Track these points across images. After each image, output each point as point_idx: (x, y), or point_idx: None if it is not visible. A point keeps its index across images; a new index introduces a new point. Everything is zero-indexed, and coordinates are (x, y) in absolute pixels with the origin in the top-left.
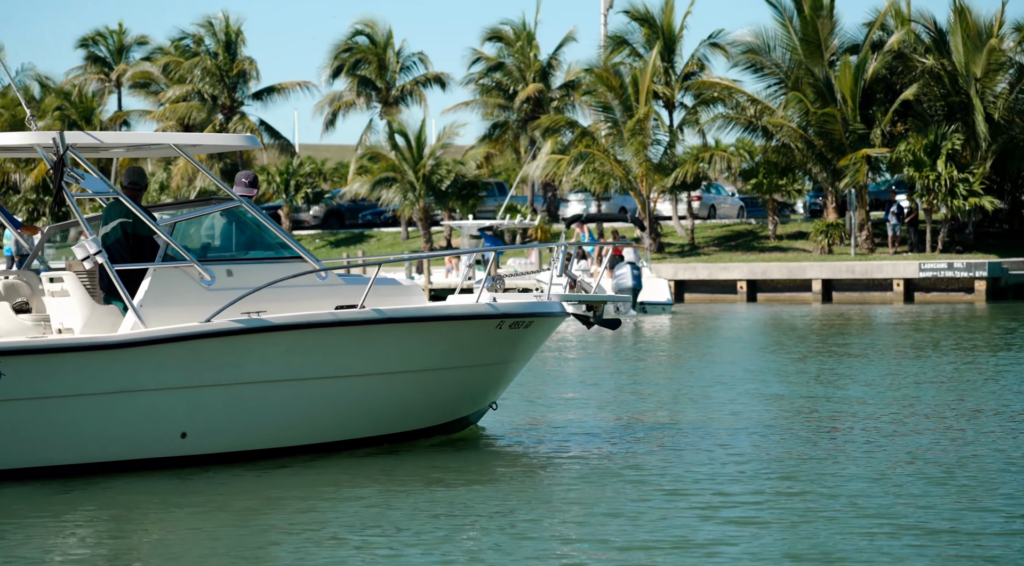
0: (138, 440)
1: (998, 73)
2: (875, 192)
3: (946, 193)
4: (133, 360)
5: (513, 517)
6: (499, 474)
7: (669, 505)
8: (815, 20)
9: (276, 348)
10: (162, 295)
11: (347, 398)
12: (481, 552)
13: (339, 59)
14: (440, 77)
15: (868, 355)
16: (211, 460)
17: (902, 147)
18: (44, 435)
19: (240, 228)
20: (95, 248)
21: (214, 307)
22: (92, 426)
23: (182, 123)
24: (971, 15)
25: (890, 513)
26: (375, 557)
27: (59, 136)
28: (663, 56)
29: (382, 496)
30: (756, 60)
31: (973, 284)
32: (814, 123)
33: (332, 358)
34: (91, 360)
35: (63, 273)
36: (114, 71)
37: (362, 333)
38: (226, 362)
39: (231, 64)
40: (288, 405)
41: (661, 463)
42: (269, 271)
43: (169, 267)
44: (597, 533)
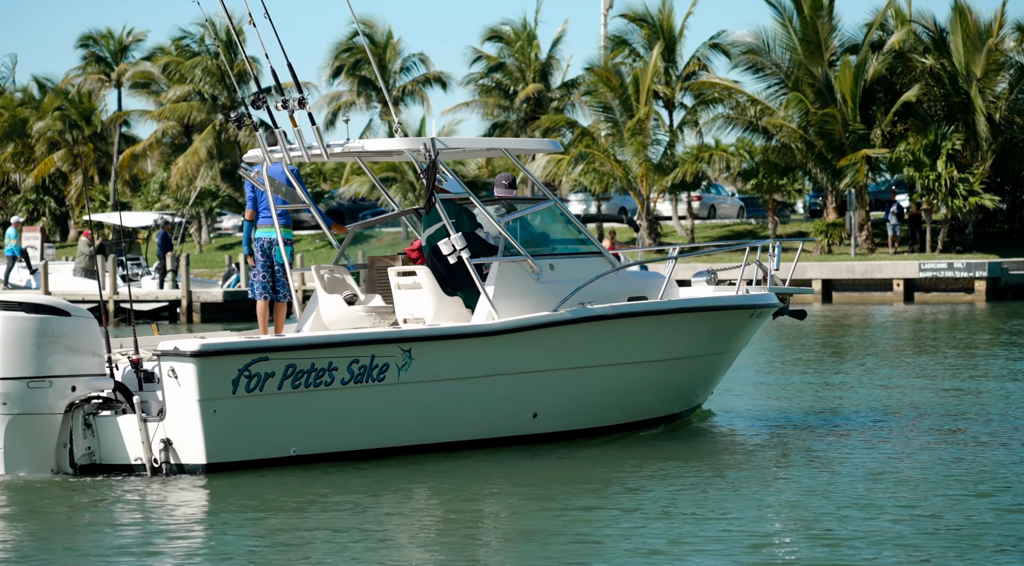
0: (498, 420)
1: (998, 73)
2: (875, 192)
3: (946, 193)
4: (506, 346)
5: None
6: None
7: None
8: (815, 20)
9: (610, 334)
10: (504, 287)
11: (647, 382)
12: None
13: (339, 59)
14: (440, 77)
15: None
16: (554, 438)
17: (902, 147)
18: (436, 416)
19: (553, 226)
20: (461, 244)
21: (544, 298)
22: (468, 407)
23: (182, 123)
24: (971, 15)
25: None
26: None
27: (431, 142)
28: (664, 56)
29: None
30: (756, 61)
31: (973, 284)
32: (814, 123)
33: (647, 344)
34: (478, 346)
35: (416, 267)
36: (115, 71)
37: (674, 320)
38: (573, 347)
39: (231, 64)
40: (615, 387)
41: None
42: (581, 265)
43: (509, 261)
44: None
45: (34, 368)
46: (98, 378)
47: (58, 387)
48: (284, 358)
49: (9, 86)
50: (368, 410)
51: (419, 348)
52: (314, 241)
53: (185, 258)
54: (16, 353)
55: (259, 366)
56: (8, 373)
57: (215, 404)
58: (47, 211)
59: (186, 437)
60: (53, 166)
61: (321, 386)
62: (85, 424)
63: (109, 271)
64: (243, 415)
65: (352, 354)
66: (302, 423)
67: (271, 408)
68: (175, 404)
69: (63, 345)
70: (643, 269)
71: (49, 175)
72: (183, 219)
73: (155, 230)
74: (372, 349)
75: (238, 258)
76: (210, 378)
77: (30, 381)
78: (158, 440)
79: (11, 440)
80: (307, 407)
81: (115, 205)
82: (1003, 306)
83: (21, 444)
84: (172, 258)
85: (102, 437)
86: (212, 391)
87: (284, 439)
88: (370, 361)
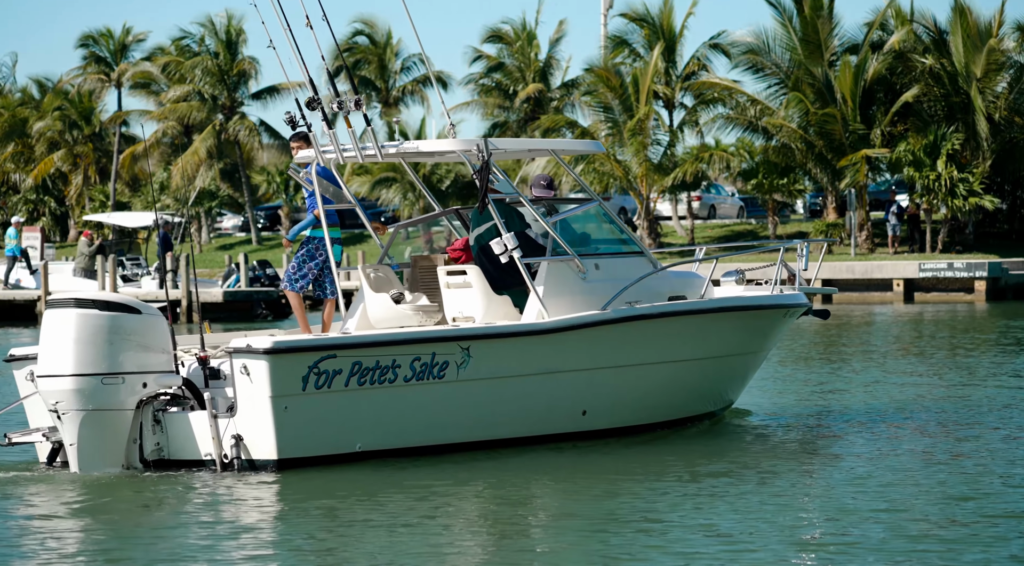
0: (549, 418)
1: (998, 73)
2: (875, 192)
3: (946, 193)
4: (560, 344)
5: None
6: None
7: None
8: (815, 20)
9: (657, 333)
10: (553, 286)
11: (690, 379)
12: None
13: (339, 59)
14: (441, 77)
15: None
16: (600, 435)
17: (902, 147)
18: (491, 413)
19: (595, 225)
20: (513, 244)
21: (591, 297)
22: (522, 405)
23: (182, 123)
24: (971, 15)
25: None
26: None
27: (483, 143)
28: (664, 56)
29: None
30: (756, 61)
31: (973, 284)
32: (814, 123)
33: (691, 342)
34: (534, 344)
35: (466, 266)
36: (114, 71)
37: (717, 319)
38: (622, 346)
39: (232, 64)
40: (660, 385)
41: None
42: (624, 264)
43: (557, 261)
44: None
45: (108, 365)
46: (167, 375)
47: (130, 384)
48: (351, 356)
49: (9, 85)
50: (429, 407)
51: (477, 346)
52: None
53: (185, 258)
54: (91, 350)
55: (328, 363)
56: (83, 369)
57: (286, 401)
58: (47, 211)
59: (257, 433)
60: (53, 166)
61: (385, 383)
62: (154, 420)
63: (109, 271)
64: (312, 411)
65: (415, 352)
66: (367, 419)
67: (338, 405)
68: (246, 400)
69: (135, 342)
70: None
71: (49, 175)
72: (183, 219)
73: (155, 230)
74: (433, 347)
75: (238, 258)
76: (282, 375)
77: (104, 378)
78: (229, 436)
79: (85, 436)
80: (372, 404)
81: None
82: (1003, 306)
83: (95, 440)
84: (172, 258)
85: (171, 433)
86: (283, 388)
87: (350, 435)
88: (431, 359)
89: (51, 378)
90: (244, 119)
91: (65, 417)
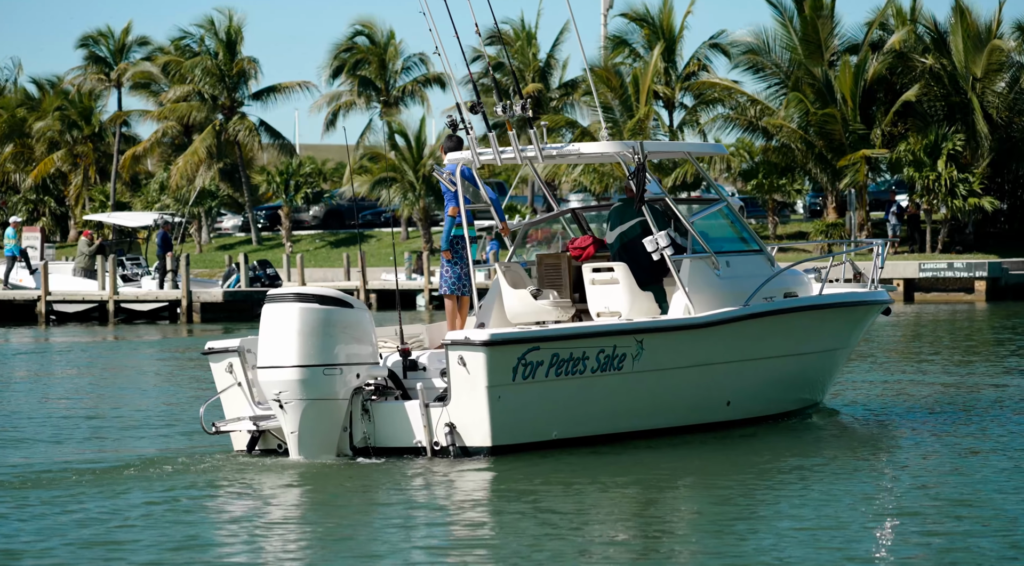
0: (701, 407)
1: (998, 73)
2: (875, 192)
3: (946, 193)
4: (717, 336)
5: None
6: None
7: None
8: (815, 20)
9: (793, 326)
10: (694, 282)
11: (812, 371)
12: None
13: (339, 59)
14: (440, 77)
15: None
16: (740, 424)
17: (902, 147)
18: (659, 403)
19: (724, 225)
20: (665, 242)
21: (726, 293)
22: (681, 394)
23: (182, 123)
24: (971, 15)
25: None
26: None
27: (639, 145)
28: (664, 57)
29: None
30: (756, 61)
31: (973, 284)
32: (814, 123)
33: (817, 335)
34: (698, 337)
35: (614, 264)
36: (114, 71)
37: (839, 314)
38: (764, 338)
39: (231, 64)
40: (790, 376)
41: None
42: (748, 261)
43: (697, 258)
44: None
45: (327, 356)
46: (374, 366)
47: (345, 374)
48: (551, 347)
49: (10, 87)
50: (609, 397)
51: (650, 339)
52: (314, 241)
53: (185, 258)
54: (312, 342)
55: (533, 355)
56: (305, 361)
57: (499, 390)
58: (47, 211)
59: (472, 421)
60: (53, 166)
61: (576, 374)
62: (363, 409)
63: (109, 271)
64: (519, 401)
65: (601, 344)
66: (561, 408)
67: (538, 394)
68: (461, 390)
69: (349, 335)
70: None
71: (49, 175)
72: (183, 219)
73: (155, 230)
74: (615, 340)
75: (238, 258)
76: (497, 366)
77: (324, 369)
78: (442, 424)
79: (306, 424)
80: (565, 393)
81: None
82: (1004, 306)
83: (314, 428)
84: (172, 258)
85: (378, 422)
86: (498, 378)
87: (548, 423)
88: (612, 351)
89: (274, 369)
90: (244, 119)
91: (288, 406)
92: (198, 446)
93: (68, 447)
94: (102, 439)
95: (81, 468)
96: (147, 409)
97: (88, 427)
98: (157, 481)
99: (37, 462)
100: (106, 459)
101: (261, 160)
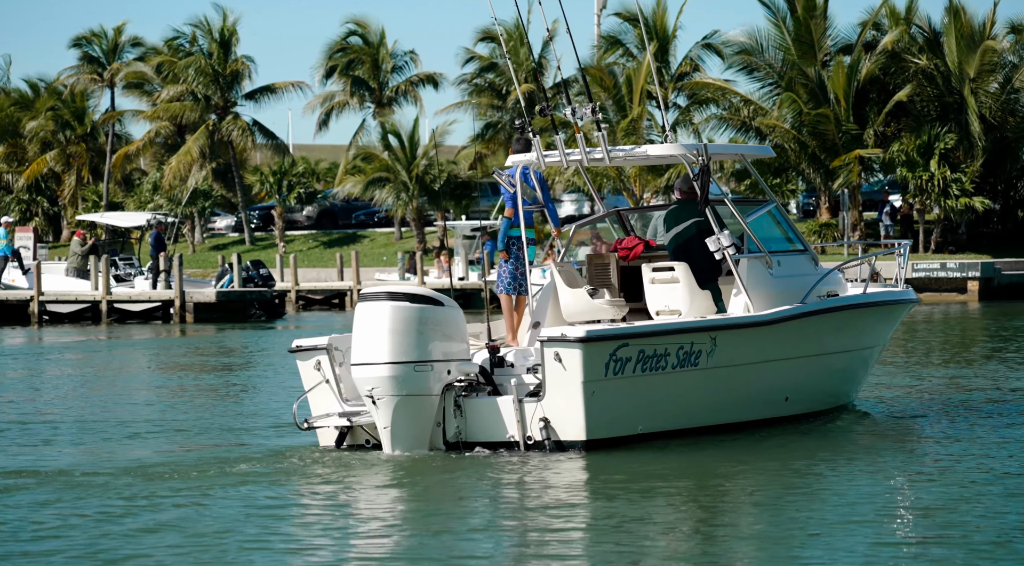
0: (764, 403)
1: (991, 73)
2: (868, 192)
3: (939, 193)
4: (780, 333)
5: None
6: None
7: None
8: (808, 20)
9: (845, 323)
10: (752, 280)
11: (856, 368)
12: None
13: (332, 59)
14: (433, 77)
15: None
16: (796, 419)
17: (895, 147)
18: (728, 398)
19: (772, 224)
20: (728, 242)
21: (779, 292)
22: (746, 390)
23: (175, 123)
24: (965, 15)
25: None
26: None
27: (703, 147)
28: (657, 57)
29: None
30: (749, 61)
31: (966, 284)
32: (807, 124)
33: (863, 333)
34: (765, 334)
35: (675, 263)
36: (107, 71)
37: (881, 312)
38: (821, 335)
39: (225, 64)
40: (838, 372)
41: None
42: (795, 261)
43: (754, 258)
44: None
45: (419, 353)
46: (465, 363)
47: (437, 371)
48: (638, 344)
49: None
50: (687, 392)
51: (723, 336)
52: (307, 241)
53: (178, 258)
54: (404, 340)
55: (622, 351)
56: (398, 357)
57: (593, 386)
58: (40, 211)
59: (567, 416)
60: (46, 166)
61: (658, 370)
62: (455, 405)
63: (102, 271)
64: (610, 396)
65: (680, 341)
66: (645, 403)
67: (626, 389)
68: (557, 385)
69: (440, 332)
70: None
71: (41, 175)
72: (176, 219)
73: (148, 230)
74: (692, 337)
75: (231, 258)
76: (592, 362)
77: (416, 365)
78: (536, 419)
79: (398, 420)
80: (649, 389)
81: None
82: (997, 306)
83: (406, 423)
84: (165, 258)
85: (469, 417)
86: (592, 374)
87: (634, 418)
88: (690, 347)
89: (367, 366)
90: (237, 119)
91: (380, 402)
92: (282, 443)
93: (159, 443)
94: (204, 434)
95: (190, 464)
96: (226, 407)
97: (173, 425)
98: (262, 476)
99: (130, 457)
100: (218, 454)
101: (254, 160)
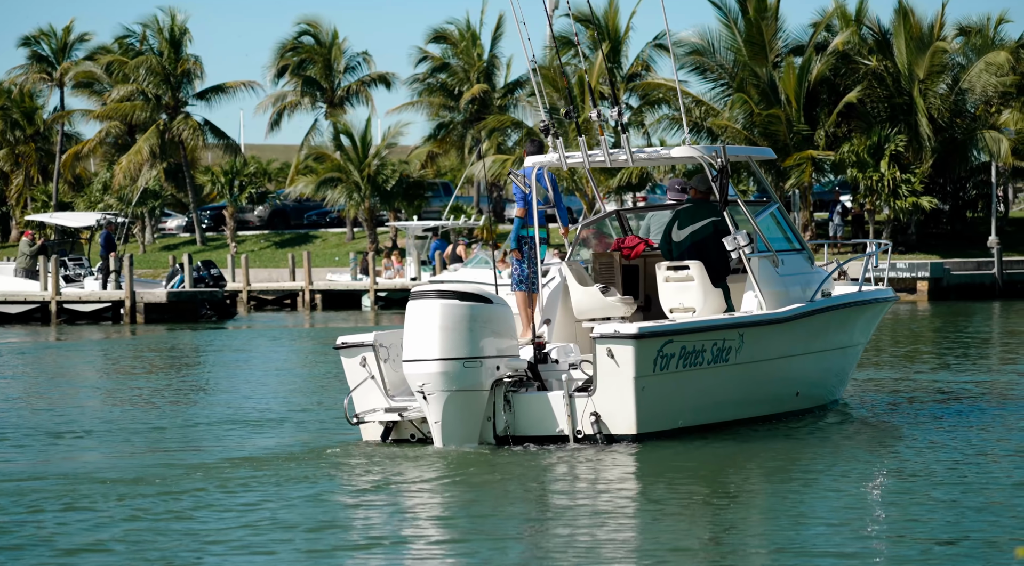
0: (779, 397)
1: (941, 75)
2: (819, 193)
3: (889, 194)
4: (796, 330)
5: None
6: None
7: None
8: (759, 21)
9: (849, 320)
10: (762, 279)
11: (850, 364)
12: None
13: (284, 59)
14: (385, 77)
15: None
16: (803, 414)
17: (846, 148)
18: (753, 393)
19: (773, 225)
20: (745, 241)
21: (785, 290)
22: (763, 385)
23: (125, 122)
24: (914, 17)
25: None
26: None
27: (722, 149)
28: (609, 58)
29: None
30: (701, 61)
31: (915, 284)
32: (759, 124)
33: (860, 330)
34: (788, 330)
35: (690, 262)
36: (57, 70)
37: (876, 309)
38: (829, 331)
39: (176, 63)
40: (837, 368)
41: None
42: (795, 260)
43: (763, 256)
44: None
45: (468, 350)
46: (514, 359)
47: (487, 367)
48: (681, 340)
49: None
50: (719, 387)
51: (750, 332)
52: (258, 242)
53: (129, 258)
54: (454, 336)
55: (668, 347)
56: (448, 354)
57: (644, 381)
58: None
59: (618, 410)
60: None
61: (696, 366)
62: (505, 400)
63: (51, 272)
64: (656, 391)
65: (715, 338)
66: (685, 398)
67: (669, 385)
68: (608, 381)
69: (489, 329)
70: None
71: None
72: (126, 219)
73: (98, 230)
74: (724, 333)
75: (182, 258)
76: (643, 358)
77: (466, 361)
78: (587, 413)
79: (448, 414)
80: (689, 384)
81: (57, 205)
82: (946, 306)
83: (456, 418)
84: (115, 258)
85: (518, 411)
86: (643, 369)
87: (676, 412)
88: (723, 343)
89: (418, 362)
90: (188, 119)
91: (431, 397)
92: (324, 438)
93: (221, 439)
94: (255, 430)
95: (241, 459)
96: (271, 403)
97: (236, 421)
98: (312, 471)
99: (180, 454)
100: (271, 449)
101: (205, 160)
